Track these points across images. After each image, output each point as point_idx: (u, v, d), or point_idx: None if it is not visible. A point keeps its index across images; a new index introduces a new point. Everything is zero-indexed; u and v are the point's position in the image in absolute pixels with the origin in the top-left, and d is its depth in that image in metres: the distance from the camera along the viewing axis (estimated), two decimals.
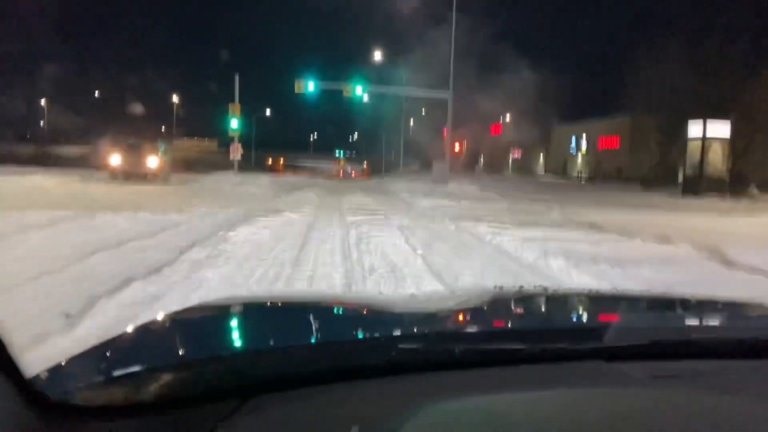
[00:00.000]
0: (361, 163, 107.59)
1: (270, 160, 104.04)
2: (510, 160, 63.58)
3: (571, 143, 51.22)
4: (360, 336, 1.11)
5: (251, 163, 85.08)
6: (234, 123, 28.27)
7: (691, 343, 1.07)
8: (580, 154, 50.37)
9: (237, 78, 28.88)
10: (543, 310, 1.51)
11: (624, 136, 41.36)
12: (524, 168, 56.27)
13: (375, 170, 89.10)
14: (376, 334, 1.12)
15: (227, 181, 22.90)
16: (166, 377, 0.81)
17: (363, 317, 1.37)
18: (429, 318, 1.35)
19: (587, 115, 48.01)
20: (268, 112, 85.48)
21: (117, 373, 0.85)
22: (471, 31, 30.30)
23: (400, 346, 0.96)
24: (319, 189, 22.55)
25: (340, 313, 1.44)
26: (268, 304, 1.67)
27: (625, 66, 34.09)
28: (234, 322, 1.33)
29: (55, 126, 58.62)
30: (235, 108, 28.35)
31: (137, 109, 57.70)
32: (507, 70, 49.02)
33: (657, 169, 31.09)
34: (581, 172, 47.88)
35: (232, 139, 28.83)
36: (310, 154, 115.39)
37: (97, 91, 64.75)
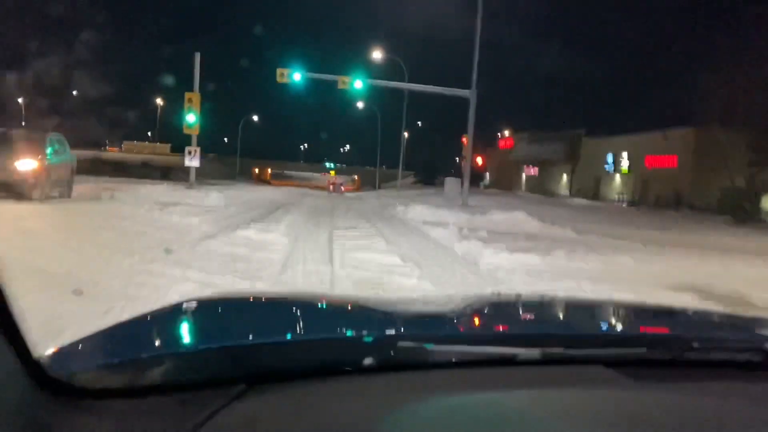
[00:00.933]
0: (352, 174, 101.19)
1: (256, 169, 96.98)
2: (523, 178, 55.84)
3: (606, 160, 41.63)
4: (360, 333, 1.11)
5: (235, 172, 78.64)
6: (191, 117, 20.58)
7: (686, 350, 1.05)
8: (618, 174, 41.03)
9: (198, 59, 21.27)
10: (542, 315, 1.48)
11: (684, 154, 32.73)
12: (541, 187, 47.97)
13: (367, 183, 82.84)
14: (377, 332, 1.10)
15: (165, 197, 15.31)
16: (169, 364, 0.83)
17: (363, 316, 1.35)
18: (429, 318, 1.34)
19: (626, 126, 39.86)
20: (255, 117, 77.67)
21: (121, 358, 0.87)
22: (487, 19, 22.15)
23: (400, 344, 0.95)
24: (298, 213, 15.38)
25: (341, 311, 1.42)
26: (271, 300, 1.67)
27: (691, 66, 26.59)
28: (235, 315, 1.31)
29: None
30: (192, 99, 20.66)
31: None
32: (523, 72, 41.70)
33: (737, 195, 23.48)
34: (623, 195, 38.50)
35: (187, 140, 21.07)
36: (299, 164, 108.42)
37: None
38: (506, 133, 58.55)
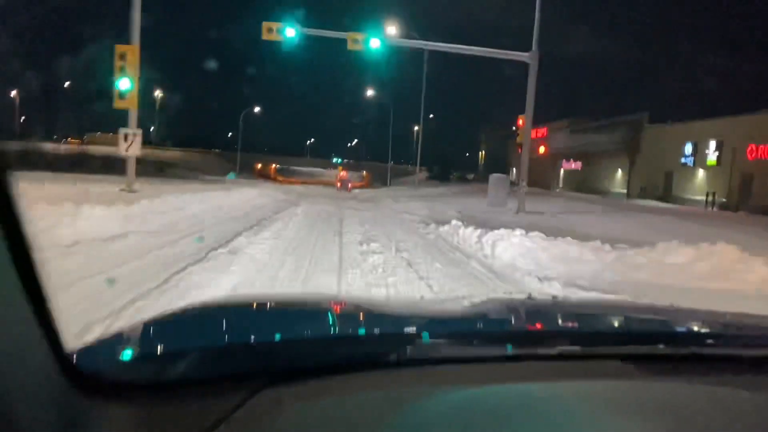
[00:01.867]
0: (360, 170, 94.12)
1: (259, 165, 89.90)
2: (561, 175, 47.39)
3: (683, 151, 32.05)
4: (375, 331, 1.12)
5: (236, 168, 71.68)
6: (124, 83, 13.36)
7: (703, 346, 1.05)
8: (702, 168, 31.01)
9: None
10: (556, 314, 1.46)
11: None
12: (585, 185, 39.68)
13: (377, 179, 75.85)
14: (391, 331, 1.10)
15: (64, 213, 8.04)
16: (193, 359, 0.84)
17: (376, 316, 1.34)
18: (442, 317, 1.33)
19: (706, 108, 30.85)
20: (257, 109, 70.55)
21: (147, 353, 0.91)
22: None
23: (416, 341, 0.96)
24: (298, 224, 10.51)
25: (354, 312, 1.41)
26: (287, 302, 1.69)
27: None
28: (256, 315, 1.32)
29: None
30: (127, 56, 13.38)
31: None
32: (558, 52, 33.78)
33: None
34: (714, 195, 28.19)
35: (122, 119, 13.86)
36: (306, 159, 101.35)
37: None
38: (517, 120, 51.14)
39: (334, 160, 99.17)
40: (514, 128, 20.65)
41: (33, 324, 0.67)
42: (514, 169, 60.93)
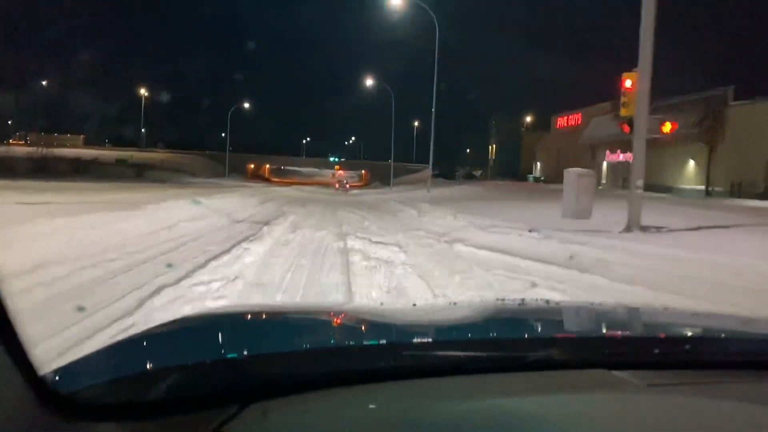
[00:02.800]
0: (359, 169, 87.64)
1: (252, 165, 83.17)
2: (604, 168, 38.87)
3: None
4: (365, 342, 1.08)
5: (224, 169, 65.34)
6: None
7: (690, 353, 1.03)
8: None
9: None
10: (545, 320, 1.41)
11: None
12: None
13: (375, 177, 69.56)
14: (381, 341, 1.06)
15: None
16: (172, 379, 0.80)
17: (367, 325, 1.31)
18: (433, 326, 1.30)
19: None
20: (246, 105, 63.92)
21: (123, 373, 0.85)
22: None
23: (405, 352, 0.93)
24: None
25: (344, 321, 1.36)
26: (275, 312, 1.57)
27: None
28: (238, 329, 1.26)
29: None
30: None
31: None
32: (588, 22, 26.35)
33: None
34: None
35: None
36: (302, 159, 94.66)
37: None
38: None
39: (331, 159, 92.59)
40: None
41: (1, 351, 0.64)
42: (539, 163, 54.71)
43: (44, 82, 57.53)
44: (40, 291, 4.30)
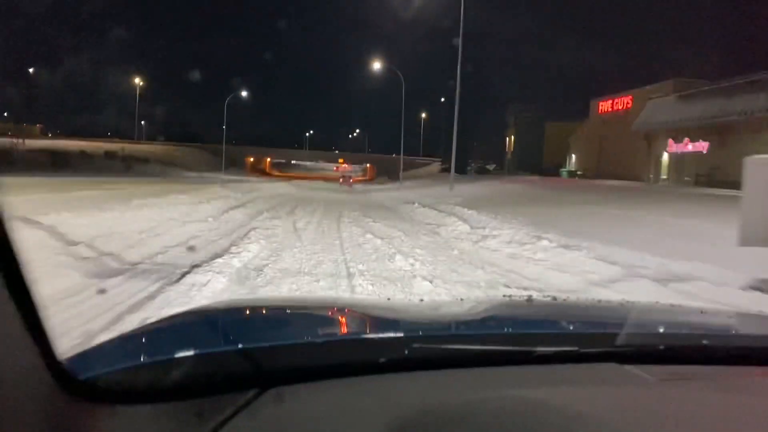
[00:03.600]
0: (362, 161, 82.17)
1: (251, 158, 77.71)
2: (664, 160, 31.17)
3: None
4: (376, 334, 1.08)
5: (220, 163, 60.46)
6: None
7: (700, 348, 1.02)
8: None
9: None
10: (554, 316, 1.39)
11: None
12: (719, 175, 24.08)
13: (382, 172, 64.22)
14: (391, 333, 1.05)
15: None
16: (189, 366, 0.81)
17: (377, 318, 1.30)
18: (442, 320, 1.29)
19: None
20: (244, 93, 58.41)
21: (140, 361, 0.86)
22: None
23: (415, 344, 0.92)
24: None
25: (355, 314, 1.36)
26: (286, 305, 1.63)
27: None
28: (252, 320, 1.28)
29: None
30: None
31: None
32: None
33: None
34: None
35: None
36: (305, 152, 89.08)
37: None
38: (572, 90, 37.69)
39: (336, 152, 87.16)
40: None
41: (24, 335, 0.65)
42: (573, 156, 47.09)
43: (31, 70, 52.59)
44: None
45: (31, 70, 53.17)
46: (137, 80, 72.91)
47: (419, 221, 11.75)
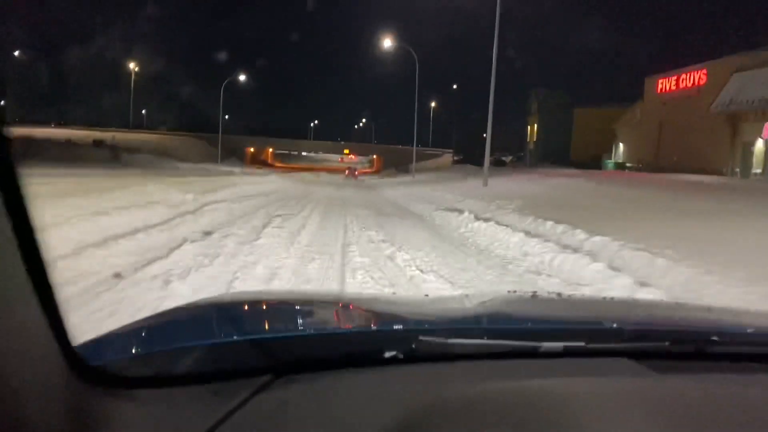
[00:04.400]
0: (369, 153, 76.63)
1: (252, 149, 72.08)
2: (756, 148, 24.04)
3: None
4: (381, 327, 1.08)
5: (228, 154, 56.14)
6: None
7: (705, 344, 1.00)
8: None
9: None
10: (559, 311, 1.37)
11: None
12: None
13: (390, 164, 58.77)
14: (397, 327, 1.06)
15: None
16: (200, 354, 0.82)
17: (383, 312, 1.28)
18: (447, 314, 1.27)
19: None
20: (242, 77, 52.99)
21: (152, 349, 0.88)
22: None
23: (422, 337, 0.91)
24: None
25: (361, 308, 1.34)
26: (294, 298, 1.62)
27: None
28: (262, 311, 1.28)
29: None
30: None
31: None
32: None
33: None
34: None
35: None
36: (310, 142, 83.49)
37: None
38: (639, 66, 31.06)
39: (342, 142, 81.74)
40: None
41: (41, 320, 0.65)
42: (621, 145, 38.82)
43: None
44: None
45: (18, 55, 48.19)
46: (132, 66, 68.00)
47: (501, 259, 6.18)
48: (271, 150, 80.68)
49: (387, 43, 34.36)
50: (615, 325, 1.08)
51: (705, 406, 0.77)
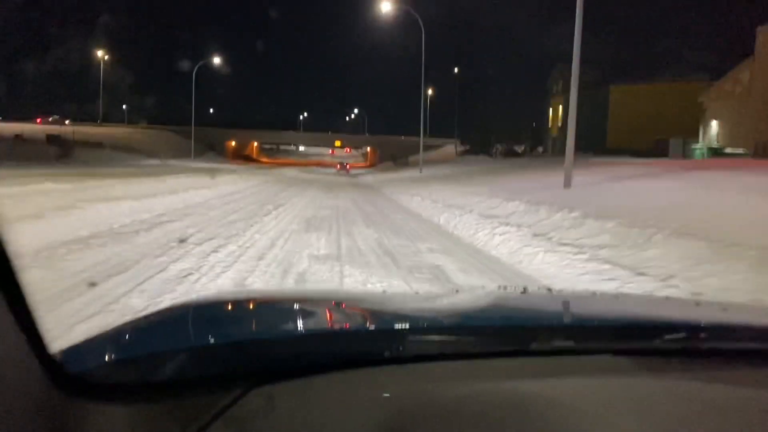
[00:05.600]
0: (362, 145, 69.87)
1: (233, 142, 64.80)
2: None
3: None
4: (369, 327, 1.07)
5: (200, 146, 49.88)
6: None
7: (695, 340, 0.99)
8: None
9: None
10: (549, 308, 1.37)
11: None
12: None
13: (386, 156, 52.22)
14: (386, 326, 1.05)
15: None
16: (181, 359, 0.80)
17: (371, 311, 1.26)
18: (437, 312, 1.26)
19: None
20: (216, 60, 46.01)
21: (131, 354, 0.85)
22: None
23: (409, 337, 0.91)
24: None
25: (348, 307, 1.30)
26: (278, 298, 1.58)
27: None
28: (243, 314, 1.25)
29: None
30: None
31: None
32: None
33: None
34: None
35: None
36: (299, 135, 76.44)
37: None
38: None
39: (332, 134, 74.92)
40: None
41: (14, 327, 0.63)
42: (714, 123, 28.98)
43: None
44: None
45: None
46: (101, 54, 61.00)
47: None
48: (256, 144, 73.42)
49: (386, 6, 27.30)
50: (604, 322, 1.08)
51: (693, 404, 0.77)
